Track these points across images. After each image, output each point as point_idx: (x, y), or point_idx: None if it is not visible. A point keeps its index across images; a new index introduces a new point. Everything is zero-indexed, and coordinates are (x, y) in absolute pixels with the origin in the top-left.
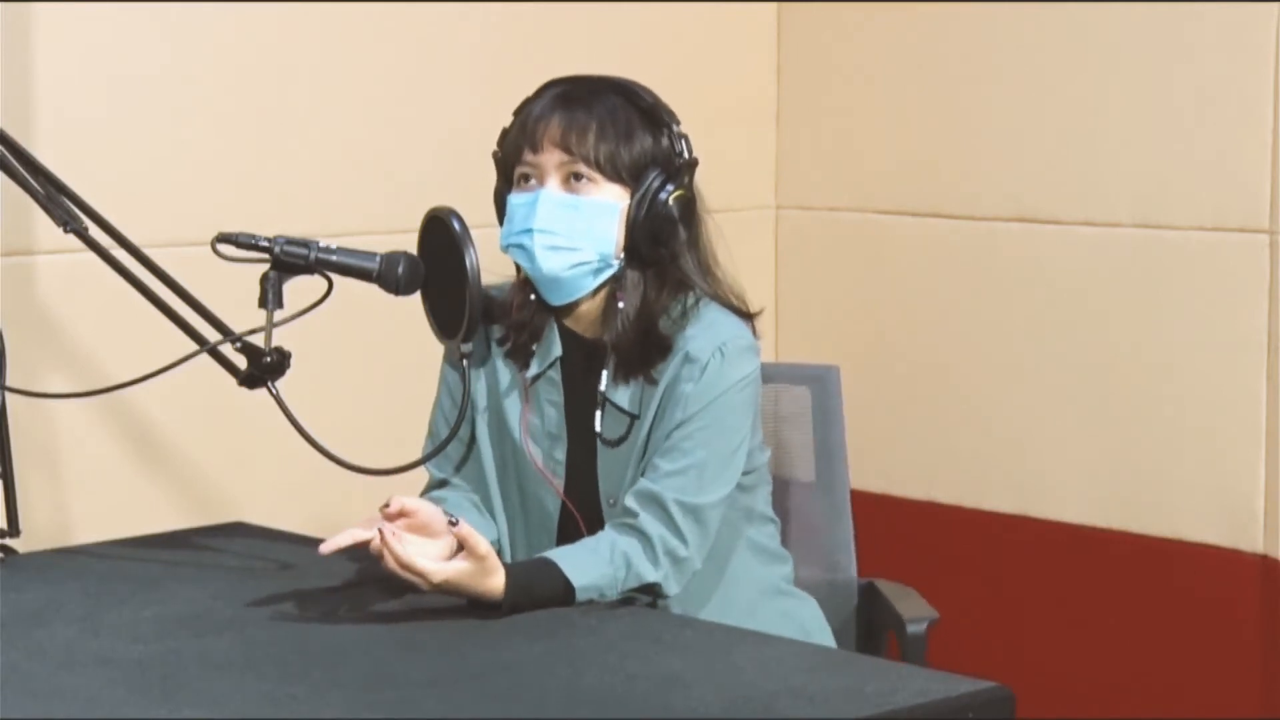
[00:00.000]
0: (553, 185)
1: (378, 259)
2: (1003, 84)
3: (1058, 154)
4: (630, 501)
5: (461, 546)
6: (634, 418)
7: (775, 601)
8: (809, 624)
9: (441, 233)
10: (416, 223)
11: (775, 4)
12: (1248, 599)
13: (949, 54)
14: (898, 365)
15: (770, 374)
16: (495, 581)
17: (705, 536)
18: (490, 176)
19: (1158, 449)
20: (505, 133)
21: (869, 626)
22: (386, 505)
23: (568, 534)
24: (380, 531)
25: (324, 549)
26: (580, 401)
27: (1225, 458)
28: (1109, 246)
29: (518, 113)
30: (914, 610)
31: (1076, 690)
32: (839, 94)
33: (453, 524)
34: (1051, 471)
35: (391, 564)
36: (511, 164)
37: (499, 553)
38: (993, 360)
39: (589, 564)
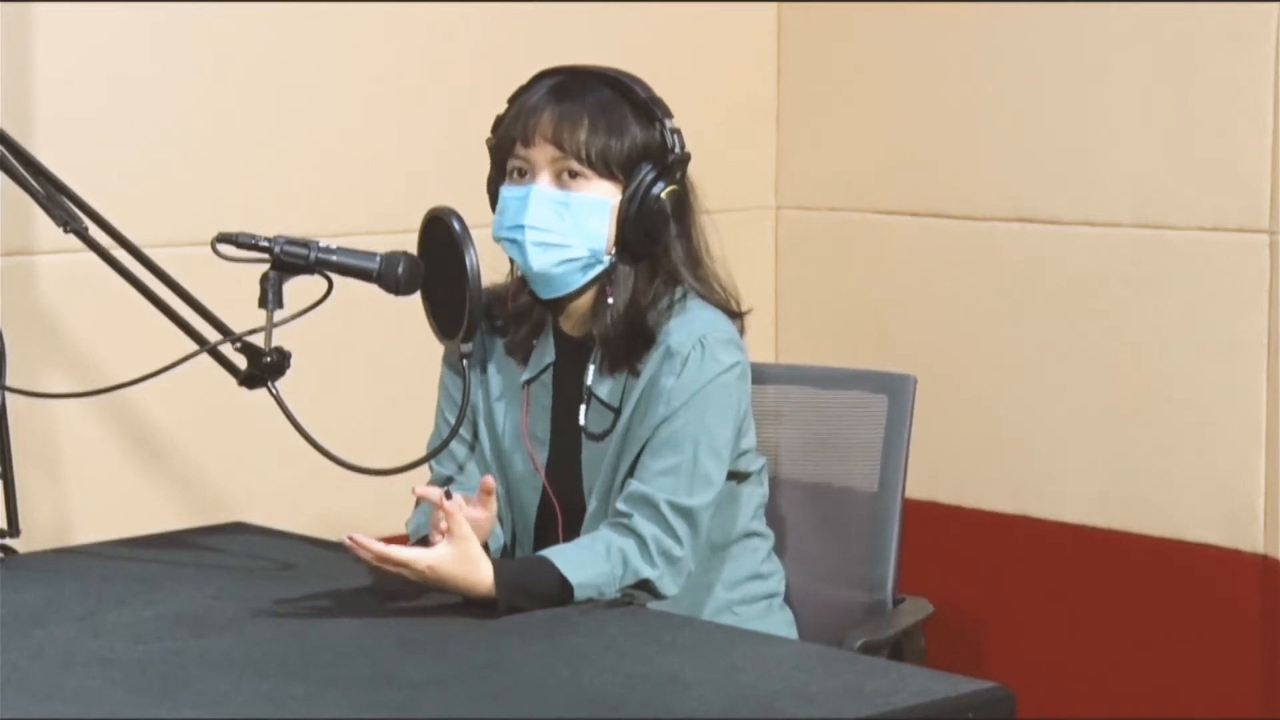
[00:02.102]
0: (544, 181)
1: (378, 259)
2: (1002, 84)
3: (1058, 154)
4: (622, 504)
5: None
6: (616, 411)
7: (726, 618)
8: None
9: (441, 233)
10: (416, 223)
11: (775, 4)
12: (1248, 599)
13: (949, 54)
14: (897, 365)
15: (846, 380)
16: (483, 573)
17: (697, 538)
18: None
19: (1158, 449)
20: (499, 120)
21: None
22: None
23: (545, 533)
24: (350, 538)
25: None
26: (567, 398)
27: (1225, 458)
28: (1109, 246)
29: (512, 100)
30: (864, 629)
31: (1076, 690)
32: (839, 94)
33: (448, 496)
34: (1051, 471)
35: (371, 559)
36: (504, 154)
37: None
38: (992, 360)
39: (586, 561)
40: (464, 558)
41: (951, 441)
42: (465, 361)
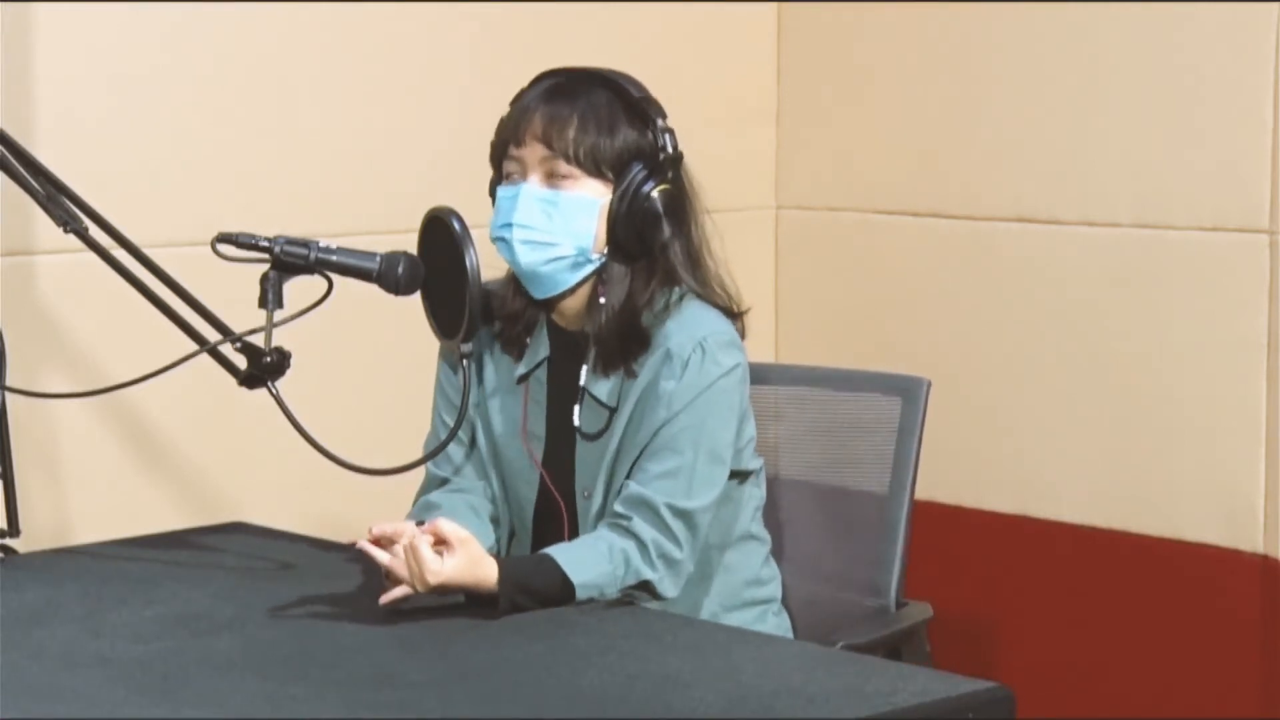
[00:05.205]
0: (534, 180)
1: (378, 259)
2: (1003, 84)
3: (1058, 154)
4: (621, 506)
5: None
6: (612, 410)
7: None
8: None
9: (441, 233)
10: (416, 223)
11: (775, 4)
12: (1248, 599)
13: (949, 54)
14: (897, 365)
15: (859, 382)
16: (487, 572)
17: (696, 540)
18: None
19: (1158, 449)
20: (501, 122)
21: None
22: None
23: (543, 530)
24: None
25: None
26: (561, 395)
27: (1225, 458)
28: (1109, 246)
29: (513, 103)
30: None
31: (1076, 690)
32: (839, 94)
33: (420, 523)
34: (1051, 471)
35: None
36: (500, 156)
37: (495, 554)
38: (992, 360)
39: (588, 561)
40: (471, 563)
41: (951, 441)
42: (465, 362)
